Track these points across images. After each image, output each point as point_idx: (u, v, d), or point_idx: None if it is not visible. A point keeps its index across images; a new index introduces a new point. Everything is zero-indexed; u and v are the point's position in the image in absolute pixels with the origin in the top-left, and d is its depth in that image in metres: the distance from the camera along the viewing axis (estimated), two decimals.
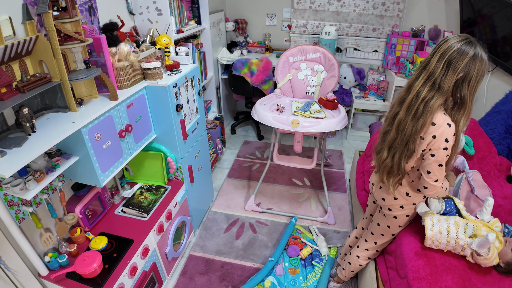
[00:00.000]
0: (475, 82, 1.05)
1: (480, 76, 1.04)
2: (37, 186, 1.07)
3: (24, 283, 1.20)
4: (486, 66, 1.03)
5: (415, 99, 1.09)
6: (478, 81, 1.05)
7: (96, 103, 1.29)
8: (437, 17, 2.87)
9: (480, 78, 1.04)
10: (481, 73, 1.03)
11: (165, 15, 1.87)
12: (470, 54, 1.01)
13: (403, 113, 1.12)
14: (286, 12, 3.20)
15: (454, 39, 1.05)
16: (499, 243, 1.19)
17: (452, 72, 1.04)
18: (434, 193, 1.17)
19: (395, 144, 1.16)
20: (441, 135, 1.05)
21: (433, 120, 1.06)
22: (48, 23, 1.04)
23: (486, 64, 1.03)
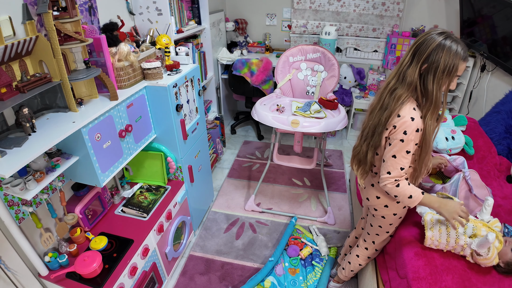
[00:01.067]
0: (442, 75, 0.97)
1: (448, 68, 0.95)
2: (37, 186, 1.07)
3: (24, 283, 1.20)
4: (458, 60, 0.95)
5: (384, 89, 1.09)
6: (446, 75, 0.97)
7: (96, 103, 1.29)
8: (437, 17, 2.87)
9: (449, 71, 0.96)
10: (450, 66, 0.95)
11: (165, 15, 1.87)
12: (436, 43, 0.96)
13: (376, 101, 1.12)
14: (286, 12, 3.20)
15: (431, 31, 1.01)
16: (499, 243, 1.19)
17: (415, 62, 1.00)
18: (383, 186, 1.10)
19: (365, 133, 1.16)
20: (400, 126, 1.02)
21: (399, 112, 1.02)
22: (48, 23, 1.04)
23: (459, 57, 0.94)
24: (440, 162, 1.45)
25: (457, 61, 0.95)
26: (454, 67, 0.96)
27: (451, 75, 0.97)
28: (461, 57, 0.95)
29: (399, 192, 1.09)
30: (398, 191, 1.09)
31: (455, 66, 0.96)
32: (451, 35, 0.97)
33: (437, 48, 0.96)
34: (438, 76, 0.98)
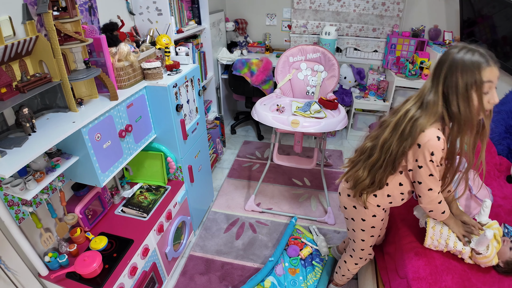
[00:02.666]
0: (466, 93, 0.90)
1: (470, 84, 0.88)
2: (37, 186, 1.07)
3: (24, 283, 1.20)
4: (477, 70, 0.88)
5: (403, 118, 1.00)
6: (471, 91, 0.89)
7: (96, 103, 1.29)
8: (437, 17, 2.87)
9: (472, 86, 0.88)
10: (470, 81, 0.88)
11: (165, 15, 1.87)
12: (449, 61, 0.91)
13: (388, 133, 1.04)
14: (286, 12, 3.20)
15: (450, 49, 0.95)
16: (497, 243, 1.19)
17: (435, 86, 0.96)
18: (429, 202, 1.09)
19: (378, 165, 1.08)
20: (425, 146, 0.96)
21: (423, 134, 0.97)
22: (48, 23, 1.04)
23: (477, 67, 0.88)
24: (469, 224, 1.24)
25: (477, 72, 0.88)
26: (476, 80, 0.88)
27: (478, 89, 0.89)
28: (480, 65, 0.88)
29: (438, 207, 1.11)
30: (438, 206, 1.11)
31: (476, 79, 0.88)
32: (468, 45, 0.91)
33: (451, 67, 0.91)
34: (463, 96, 0.91)
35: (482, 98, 0.89)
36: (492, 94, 0.89)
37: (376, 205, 1.19)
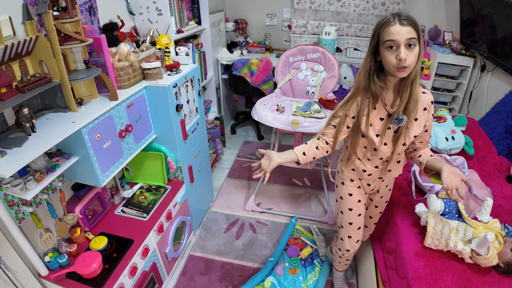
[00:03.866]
0: (369, 46, 1.05)
1: (373, 38, 1.01)
2: (37, 186, 1.07)
3: (24, 283, 1.20)
4: (378, 26, 0.99)
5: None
6: (371, 43, 1.02)
7: (96, 103, 1.29)
8: (437, 17, 2.87)
9: (373, 40, 1.01)
10: (373, 36, 1.01)
11: (165, 15, 1.87)
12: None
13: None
14: (286, 12, 3.20)
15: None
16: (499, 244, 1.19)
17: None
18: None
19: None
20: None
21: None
22: (48, 23, 1.04)
23: (379, 23, 0.99)
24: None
25: (378, 30, 0.98)
26: (378, 35, 0.98)
27: (381, 44, 0.98)
28: (382, 21, 0.97)
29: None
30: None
31: (378, 35, 0.98)
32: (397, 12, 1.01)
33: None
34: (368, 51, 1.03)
35: (386, 53, 0.98)
36: (399, 49, 0.95)
37: (341, 169, 1.34)
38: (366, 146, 1.19)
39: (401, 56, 0.93)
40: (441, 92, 2.84)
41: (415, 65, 0.97)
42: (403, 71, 0.96)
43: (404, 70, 0.96)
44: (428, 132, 1.18)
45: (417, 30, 0.94)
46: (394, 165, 1.25)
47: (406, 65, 0.94)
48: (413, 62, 0.96)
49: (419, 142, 1.21)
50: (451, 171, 1.03)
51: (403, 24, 0.92)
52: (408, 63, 0.94)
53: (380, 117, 1.11)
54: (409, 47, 0.94)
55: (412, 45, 0.94)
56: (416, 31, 0.94)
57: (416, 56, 0.96)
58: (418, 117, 1.10)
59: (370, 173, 1.26)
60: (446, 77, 2.78)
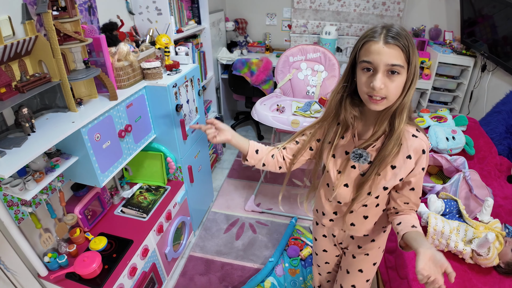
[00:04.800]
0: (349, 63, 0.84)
1: (352, 54, 0.80)
2: (36, 186, 1.06)
3: (23, 283, 1.20)
4: (359, 40, 0.77)
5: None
6: (349, 60, 0.82)
7: (96, 103, 1.28)
8: (437, 16, 2.87)
9: (352, 56, 0.80)
10: (353, 51, 0.80)
11: (164, 14, 1.86)
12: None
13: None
14: (286, 12, 3.19)
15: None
16: (499, 244, 1.19)
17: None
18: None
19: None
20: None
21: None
22: (48, 23, 1.04)
23: (361, 37, 0.77)
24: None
25: (359, 44, 0.76)
26: (356, 52, 0.77)
27: (358, 63, 0.77)
28: (365, 34, 0.75)
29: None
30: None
31: (356, 50, 0.77)
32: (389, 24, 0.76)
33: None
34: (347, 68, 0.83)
35: (360, 75, 0.76)
36: (375, 74, 0.72)
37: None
38: (328, 183, 0.98)
39: (375, 84, 0.71)
40: (442, 92, 2.83)
41: (396, 98, 0.74)
42: (377, 103, 0.74)
43: (379, 103, 0.74)
44: (416, 192, 0.88)
45: (408, 53, 0.71)
46: (359, 219, 0.96)
47: (382, 96, 0.73)
48: (394, 94, 0.73)
49: (403, 203, 0.89)
50: (431, 258, 0.69)
51: (388, 43, 0.70)
52: (385, 93, 0.72)
53: (346, 149, 0.89)
54: (390, 74, 0.72)
55: (395, 72, 0.71)
56: (405, 55, 0.71)
57: (399, 88, 0.73)
58: (397, 165, 0.83)
59: (331, 219, 1.02)
60: (446, 77, 2.77)
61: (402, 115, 0.77)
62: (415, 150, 0.82)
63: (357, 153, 0.84)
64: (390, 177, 0.85)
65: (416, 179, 0.86)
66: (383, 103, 0.74)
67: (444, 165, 1.71)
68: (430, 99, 2.87)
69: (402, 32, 0.72)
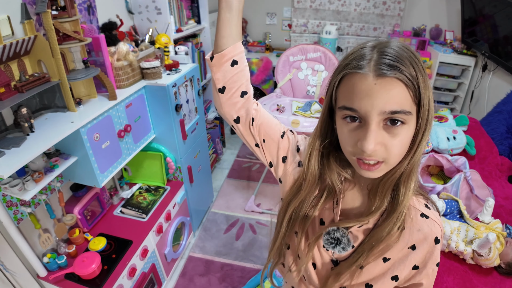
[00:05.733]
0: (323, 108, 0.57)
1: (328, 92, 0.54)
2: (35, 186, 1.06)
3: (22, 284, 1.20)
4: (335, 73, 0.51)
5: None
6: (326, 105, 0.56)
7: (95, 103, 1.28)
8: (438, 16, 2.86)
9: (327, 97, 0.54)
10: (329, 88, 0.53)
11: (164, 14, 1.86)
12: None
13: None
14: (286, 11, 3.19)
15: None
16: (500, 244, 1.19)
17: None
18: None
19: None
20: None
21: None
22: (47, 22, 1.03)
23: (338, 68, 0.50)
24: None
25: (336, 77, 0.50)
26: (332, 90, 0.51)
27: (336, 107, 0.51)
28: (345, 61, 0.49)
29: None
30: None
31: (332, 89, 0.51)
32: (381, 41, 0.49)
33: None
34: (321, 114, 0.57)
35: (342, 126, 0.50)
36: (365, 129, 0.46)
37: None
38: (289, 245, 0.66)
39: (365, 146, 0.45)
40: (443, 92, 2.83)
41: (400, 158, 0.49)
42: (371, 170, 0.48)
43: (374, 169, 0.48)
44: None
45: (416, 89, 0.45)
46: None
47: (377, 160, 0.47)
48: (396, 155, 0.47)
49: None
50: None
51: (384, 76, 0.43)
52: (382, 156, 0.47)
53: (321, 217, 0.61)
54: (390, 126, 0.45)
55: (397, 122, 0.45)
56: (412, 93, 0.44)
57: (404, 145, 0.47)
58: (391, 257, 0.56)
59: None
60: (447, 77, 2.77)
61: (409, 182, 0.51)
62: (424, 238, 0.54)
63: (333, 236, 0.56)
64: (378, 273, 0.57)
65: (429, 281, 0.58)
66: (381, 169, 0.48)
67: (445, 165, 1.70)
68: None
69: (404, 53, 0.45)
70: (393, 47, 0.46)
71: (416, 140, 0.48)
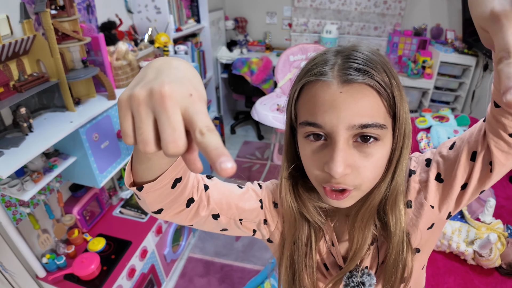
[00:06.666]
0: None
1: (288, 105, 0.47)
2: (34, 186, 1.06)
3: (21, 284, 1.19)
4: (295, 83, 0.44)
5: None
6: (287, 121, 0.49)
7: (94, 102, 1.27)
8: (439, 15, 2.85)
9: (287, 110, 0.47)
10: (289, 100, 0.46)
11: (164, 13, 1.85)
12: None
13: None
14: (286, 11, 3.18)
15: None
16: (501, 245, 1.18)
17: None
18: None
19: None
20: None
21: None
22: (46, 22, 1.03)
23: (298, 76, 0.44)
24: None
25: (296, 88, 0.43)
26: (292, 102, 0.45)
27: (295, 122, 0.45)
28: (307, 66, 0.43)
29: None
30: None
31: (292, 101, 0.45)
32: (346, 47, 0.42)
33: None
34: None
35: (304, 145, 0.43)
36: (331, 148, 0.39)
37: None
38: None
39: (332, 170, 0.37)
40: (444, 92, 2.82)
41: (375, 182, 0.42)
42: (339, 199, 0.41)
43: (343, 198, 0.41)
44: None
45: (390, 97, 0.39)
46: None
47: (347, 187, 0.40)
48: (371, 179, 0.41)
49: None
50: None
51: (351, 81, 0.37)
52: (353, 182, 0.40)
53: (325, 262, 0.53)
54: (361, 143, 0.39)
55: (370, 138, 0.39)
56: (386, 102, 0.39)
57: (380, 165, 0.41)
58: (419, 247, 0.50)
59: None
60: (448, 76, 2.76)
61: (396, 209, 0.45)
62: (417, 190, 0.48)
63: (353, 281, 0.48)
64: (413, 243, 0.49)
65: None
66: (352, 196, 0.41)
67: None
68: (431, 99, 2.86)
69: (375, 57, 0.39)
70: (362, 50, 0.39)
71: (393, 159, 0.42)
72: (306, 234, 0.50)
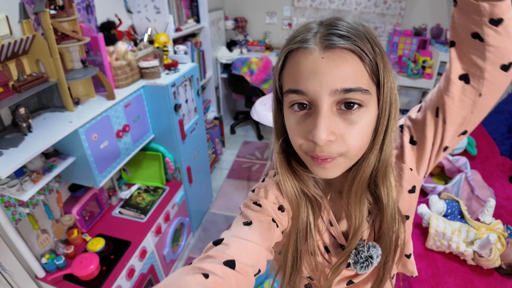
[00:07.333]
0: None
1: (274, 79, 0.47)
2: (33, 187, 1.05)
3: (20, 285, 1.19)
4: (281, 53, 0.43)
5: None
6: (273, 92, 0.49)
7: (93, 102, 1.27)
8: (439, 15, 2.85)
9: (273, 82, 0.47)
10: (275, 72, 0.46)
11: (163, 13, 1.85)
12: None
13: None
14: (286, 10, 3.18)
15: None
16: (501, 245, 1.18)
17: None
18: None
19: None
20: None
21: None
22: (45, 22, 1.03)
23: (284, 47, 0.43)
24: None
25: (281, 58, 0.43)
26: (276, 72, 0.44)
27: (279, 91, 0.45)
28: (291, 37, 0.42)
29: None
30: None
31: (277, 71, 0.44)
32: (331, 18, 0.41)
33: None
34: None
35: (289, 116, 0.43)
36: (315, 116, 0.39)
37: None
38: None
39: (316, 137, 0.38)
40: None
41: (363, 150, 0.42)
42: (326, 167, 0.41)
43: (327, 164, 0.41)
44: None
45: (373, 63, 0.39)
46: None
47: (332, 155, 0.40)
48: (357, 147, 0.40)
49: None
50: None
51: (332, 48, 0.37)
52: (338, 149, 0.40)
53: (326, 244, 0.53)
54: (345, 110, 0.39)
55: (354, 105, 0.38)
56: (368, 68, 0.38)
57: (366, 132, 0.41)
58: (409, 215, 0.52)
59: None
60: None
61: (387, 180, 0.45)
62: (397, 148, 0.50)
63: (361, 256, 0.47)
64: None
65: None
66: (338, 164, 0.41)
67: (445, 165, 1.69)
68: None
69: (360, 27, 0.39)
70: (346, 20, 0.40)
71: (379, 128, 0.41)
72: (306, 213, 0.50)
